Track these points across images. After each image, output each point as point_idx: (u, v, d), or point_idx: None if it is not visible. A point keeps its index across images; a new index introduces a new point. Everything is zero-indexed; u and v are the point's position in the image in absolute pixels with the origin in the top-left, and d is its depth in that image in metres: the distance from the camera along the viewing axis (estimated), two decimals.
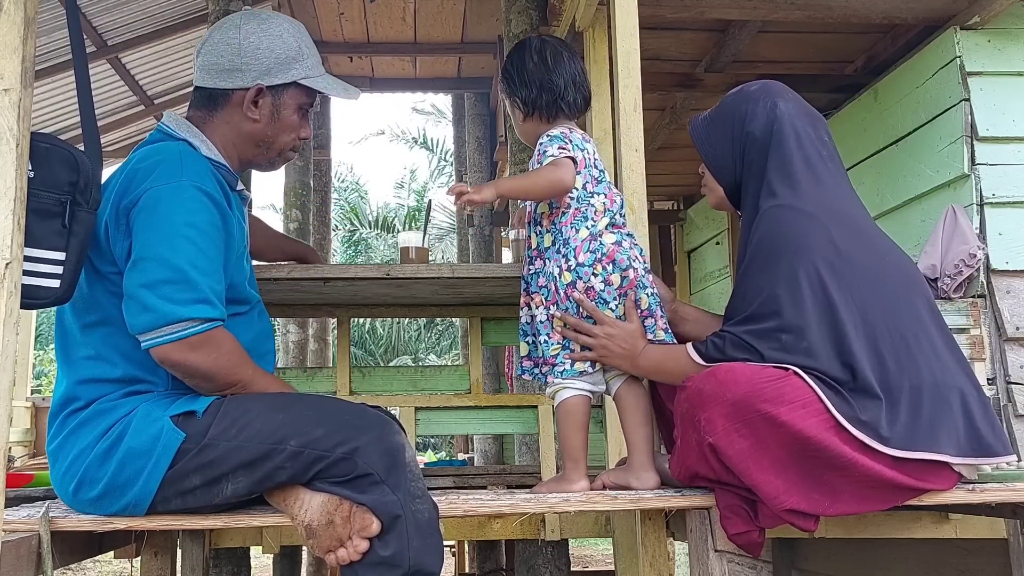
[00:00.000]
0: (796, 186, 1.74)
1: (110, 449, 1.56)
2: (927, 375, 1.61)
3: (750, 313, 1.67)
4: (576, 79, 1.97)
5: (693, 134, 1.94)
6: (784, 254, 1.66)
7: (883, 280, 1.67)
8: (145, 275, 1.55)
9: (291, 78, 1.78)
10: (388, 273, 2.27)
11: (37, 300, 1.51)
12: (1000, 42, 3.26)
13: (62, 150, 1.52)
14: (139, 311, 1.55)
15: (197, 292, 1.56)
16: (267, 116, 1.79)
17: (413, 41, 6.17)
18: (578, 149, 1.91)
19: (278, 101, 1.79)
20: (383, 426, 1.60)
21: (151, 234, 1.57)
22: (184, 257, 1.56)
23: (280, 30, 1.80)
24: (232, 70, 1.76)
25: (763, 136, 1.81)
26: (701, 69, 4.38)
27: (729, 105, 1.90)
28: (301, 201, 6.14)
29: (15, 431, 5.71)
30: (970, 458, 1.60)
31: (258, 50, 1.76)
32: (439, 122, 20.85)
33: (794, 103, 1.86)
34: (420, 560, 1.53)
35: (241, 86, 1.76)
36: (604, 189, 1.93)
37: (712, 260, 6.00)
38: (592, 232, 1.87)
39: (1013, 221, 3.11)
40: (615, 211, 1.93)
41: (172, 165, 1.63)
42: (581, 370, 1.88)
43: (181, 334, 1.55)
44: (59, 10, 5.26)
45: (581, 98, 1.99)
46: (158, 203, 1.58)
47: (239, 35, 1.77)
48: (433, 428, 2.85)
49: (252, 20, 1.80)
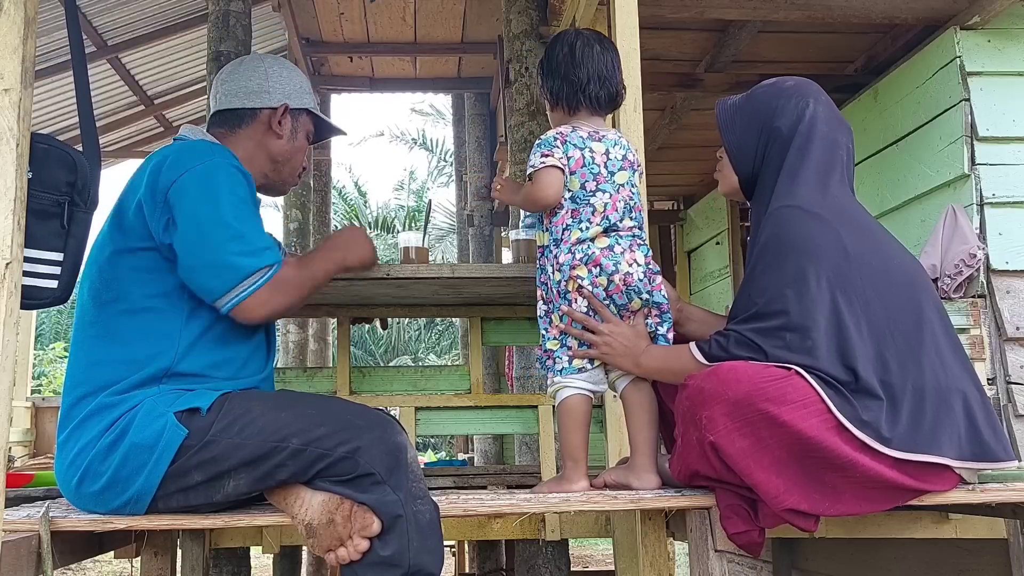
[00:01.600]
0: (810, 188, 1.73)
1: (114, 443, 1.57)
2: (930, 377, 1.61)
3: (755, 311, 1.67)
4: (603, 73, 1.93)
5: (719, 117, 1.92)
6: (792, 255, 1.66)
7: (890, 283, 1.67)
8: (208, 243, 1.64)
9: (307, 104, 1.99)
10: (388, 273, 2.26)
11: (35, 300, 1.52)
12: (1000, 42, 3.26)
13: (60, 151, 1.53)
14: (214, 274, 1.64)
15: (257, 242, 1.69)
16: (288, 134, 1.95)
17: (413, 41, 6.17)
18: (575, 148, 1.88)
19: (295, 123, 1.97)
20: (385, 426, 1.61)
21: (201, 206, 1.65)
22: (235, 217, 1.67)
23: (294, 68, 2.03)
24: (260, 92, 1.93)
25: (789, 134, 1.80)
26: (701, 69, 4.38)
27: (761, 97, 1.87)
28: (301, 201, 6.14)
29: (15, 431, 5.71)
30: (971, 462, 1.60)
31: (282, 78, 1.97)
32: (438, 123, 20.88)
33: (825, 106, 1.84)
34: (420, 560, 1.53)
35: (269, 105, 1.93)
36: (611, 188, 1.89)
37: (712, 260, 6.01)
38: (583, 236, 1.85)
39: (1013, 221, 3.11)
40: (622, 212, 1.87)
41: (205, 150, 1.74)
42: (580, 367, 1.88)
43: (260, 282, 1.65)
44: (59, 10, 5.26)
45: (605, 93, 1.94)
46: (203, 179, 1.68)
47: (264, 65, 1.98)
48: (433, 428, 2.85)
49: (271, 58, 2.04)
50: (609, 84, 1.95)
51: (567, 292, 1.86)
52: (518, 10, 4.02)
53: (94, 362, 1.65)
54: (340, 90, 6.89)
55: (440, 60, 6.52)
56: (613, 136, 1.94)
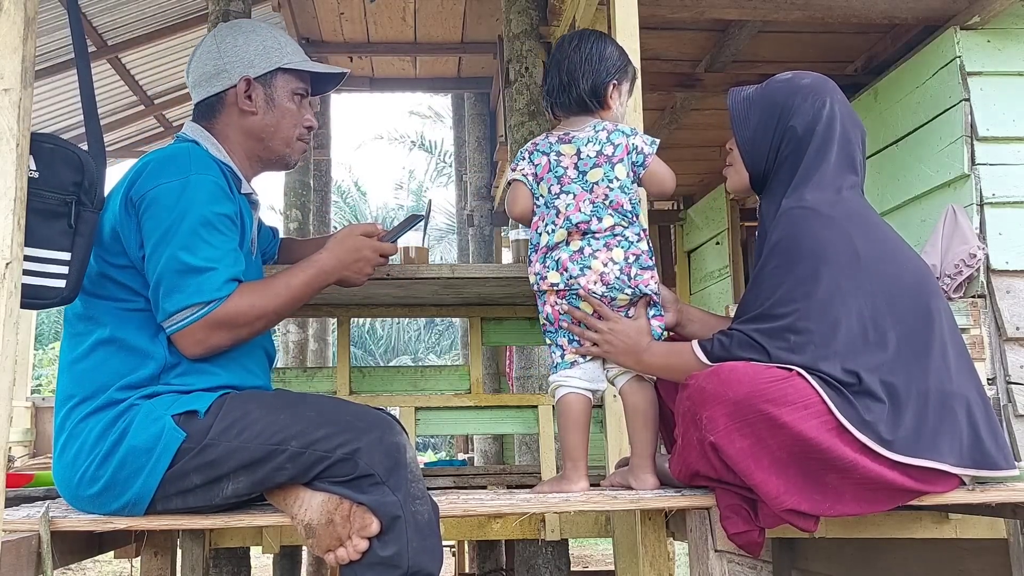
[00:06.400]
0: (824, 189, 1.72)
1: (112, 446, 1.57)
2: (934, 382, 1.60)
3: (761, 312, 1.67)
4: (571, 74, 1.89)
5: (733, 109, 1.88)
6: (803, 257, 1.65)
7: (900, 286, 1.66)
8: (155, 266, 1.61)
9: (274, 64, 1.84)
10: (388, 273, 2.26)
11: (43, 300, 1.51)
12: (1000, 42, 3.26)
13: (66, 150, 1.52)
14: (156, 297, 1.61)
15: (201, 277, 1.60)
16: (263, 106, 1.84)
17: (413, 41, 6.17)
18: (542, 155, 1.90)
19: (269, 90, 1.85)
20: (384, 427, 1.60)
21: (157, 229, 1.61)
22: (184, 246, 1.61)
23: (253, 27, 1.88)
24: (218, 74, 1.83)
25: (805, 135, 1.77)
26: (701, 69, 4.38)
27: (777, 93, 1.84)
28: (301, 201, 6.13)
29: (15, 431, 5.71)
30: (971, 469, 1.60)
31: (236, 48, 1.84)
32: (436, 124, 20.91)
33: (842, 105, 1.82)
34: (419, 561, 1.53)
35: (230, 84, 1.82)
36: (579, 188, 1.85)
37: (712, 260, 6.00)
38: (550, 241, 1.85)
39: (1013, 221, 3.11)
40: (590, 211, 1.83)
41: (182, 164, 1.68)
42: (572, 360, 1.88)
43: (191, 318, 1.60)
44: (59, 10, 5.26)
45: (572, 96, 1.90)
46: (168, 198, 1.63)
47: (216, 42, 1.85)
48: (433, 428, 2.85)
49: (225, 28, 1.89)
50: (576, 86, 1.89)
51: (544, 293, 1.89)
52: (518, 10, 4.02)
53: (87, 365, 1.65)
54: (340, 90, 6.88)
55: (440, 60, 6.52)
56: (587, 134, 1.88)
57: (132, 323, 1.65)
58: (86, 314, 1.68)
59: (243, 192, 1.83)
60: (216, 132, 1.84)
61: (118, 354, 1.64)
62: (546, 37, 4.01)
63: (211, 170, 1.70)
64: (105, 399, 1.61)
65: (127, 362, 1.63)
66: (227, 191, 1.71)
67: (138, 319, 1.65)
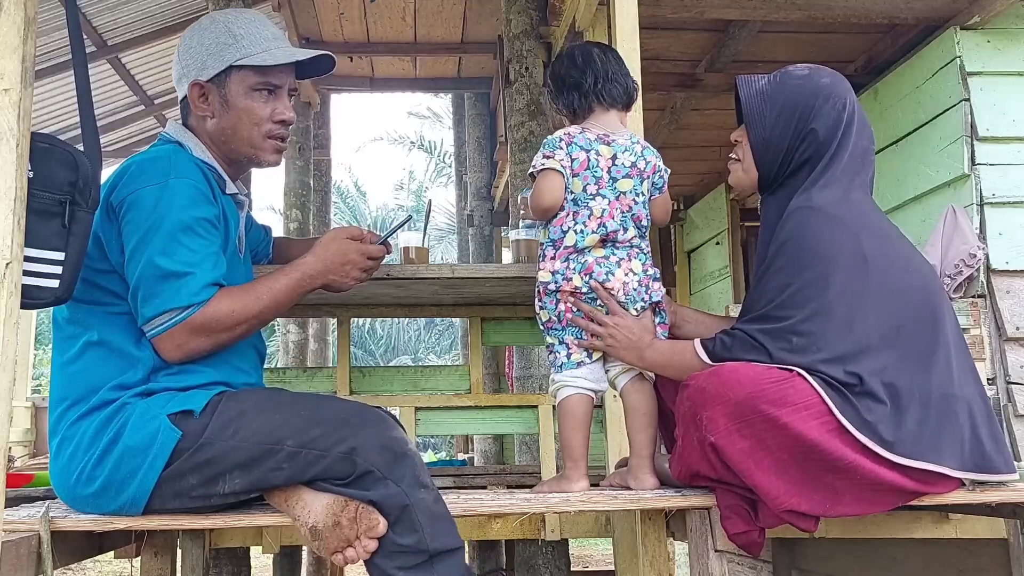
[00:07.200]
0: (835, 191, 1.71)
1: (108, 446, 1.56)
2: (937, 385, 1.60)
3: (765, 312, 1.67)
4: (609, 72, 1.92)
5: (746, 103, 1.85)
6: (810, 258, 1.64)
7: (906, 289, 1.66)
8: (133, 269, 1.61)
9: (224, 63, 1.77)
10: (388, 273, 2.26)
11: (37, 300, 1.51)
12: (1000, 42, 3.26)
13: (61, 150, 1.52)
14: (134, 301, 1.61)
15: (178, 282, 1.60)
16: (218, 108, 1.79)
17: (413, 41, 6.16)
18: (581, 150, 1.86)
19: (223, 91, 1.79)
20: (380, 423, 1.60)
21: (135, 232, 1.61)
22: (162, 251, 1.60)
23: (210, 24, 1.82)
24: (180, 78, 1.83)
25: (827, 138, 1.75)
26: (701, 69, 4.38)
27: (796, 92, 1.80)
28: (301, 201, 6.13)
29: (15, 431, 5.71)
30: (971, 472, 1.60)
31: (190, 50, 1.81)
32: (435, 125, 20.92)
33: (857, 105, 1.80)
34: (439, 542, 1.53)
35: (184, 91, 1.81)
36: (611, 194, 1.85)
37: (712, 260, 6.00)
38: (579, 245, 1.84)
39: (1013, 221, 3.11)
40: (620, 221, 1.84)
41: (163, 167, 1.67)
42: (578, 360, 1.88)
43: (169, 323, 1.59)
44: (59, 10, 5.26)
45: (617, 89, 1.92)
46: (147, 201, 1.62)
47: (182, 44, 1.83)
48: (433, 428, 2.85)
49: (190, 28, 1.85)
50: (618, 80, 1.93)
51: (555, 292, 1.86)
52: (518, 10, 4.02)
53: (78, 368, 1.65)
54: (340, 90, 6.89)
55: (440, 60, 6.51)
56: (624, 142, 1.90)
57: (118, 327, 1.65)
58: (73, 318, 1.68)
59: (228, 193, 1.82)
60: (197, 133, 1.83)
61: (108, 357, 1.64)
62: (546, 37, 4.01)
63: (191, 173, 1.69)
64: (98, 400, 1.61)
65: (117, 364, 1.64)
66: (208, 194, 1.70)
67: (124, 323, 1.65)
